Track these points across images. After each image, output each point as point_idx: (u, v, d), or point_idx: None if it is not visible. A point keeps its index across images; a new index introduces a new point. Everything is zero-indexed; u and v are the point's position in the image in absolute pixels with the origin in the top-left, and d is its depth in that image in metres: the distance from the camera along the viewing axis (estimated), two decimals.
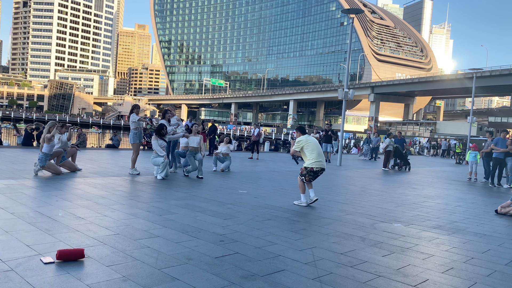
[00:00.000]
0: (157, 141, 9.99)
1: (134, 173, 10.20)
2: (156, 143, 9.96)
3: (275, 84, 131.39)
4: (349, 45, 20.49)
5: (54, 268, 3.60)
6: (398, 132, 22.46)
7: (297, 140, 7.62)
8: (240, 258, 4.22)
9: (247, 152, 24.30)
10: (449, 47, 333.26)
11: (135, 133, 10.32)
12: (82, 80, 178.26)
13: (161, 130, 10.11)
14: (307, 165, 7.46)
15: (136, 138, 10.33)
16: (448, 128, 75.85)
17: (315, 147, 7.49)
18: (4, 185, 7.40)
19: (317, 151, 7.46)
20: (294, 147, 7.61)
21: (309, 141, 7.52)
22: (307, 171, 7.44)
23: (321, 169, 7.47)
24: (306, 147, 7.48)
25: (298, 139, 7.62)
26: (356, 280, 3.82)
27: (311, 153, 7.44)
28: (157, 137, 10.03)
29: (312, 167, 7.40)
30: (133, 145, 10.45)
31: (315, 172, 7.43)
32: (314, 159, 7.40)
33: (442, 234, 6.04)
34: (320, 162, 7.41)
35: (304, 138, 7.58)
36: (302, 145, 7.51)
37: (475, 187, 13.56)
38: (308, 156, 7.47)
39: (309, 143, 7.50)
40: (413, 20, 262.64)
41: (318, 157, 7.42)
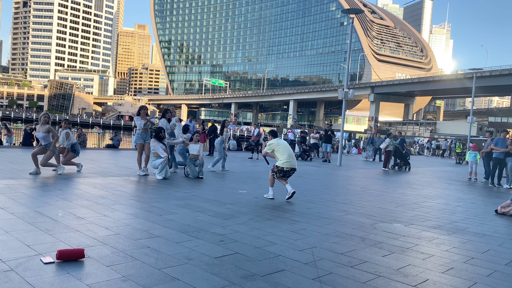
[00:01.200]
0: (157, 143, 9.97)
1: (141, 174, 10.15)
2: (157, 145, 9.95)
3: (275, 84, 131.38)
4: (349, 45, 20.49)
5: (54, 268, 3.60)
6: (398, 132, 22.46)
7: (268, 143, 8.30)
8: (240, 258, 4.22)
9: (247, 152, 24.30)
10: (449, 47, 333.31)
11: (139, 134, 10.29)
12: (82, 80, 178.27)
13: (159, 134, 10.07)
14: (278, 165, 8.06)
15: (140, 138, 10.27)
16: (448, 128, 75.86)
17: (285, 149, 8.08)
18: (4, 185, 7.40)
19: (287, 153, 8.03)
20: (266, 149, 8.27)
21: (279, 144, 8.16)
22: (278, 170, 8.07)
23: (291, 169, 8.04)
24: (277, 149, 8.10)
25: (269, 142, 8.31)
26: (356, 280, 3.82)
27: (282, 155, 8.04)
28: (156, 140, 10.02)
29: (283, 167, 8.01)
30: (136, 146, 10.45)
31: (285, 171, 8.03)
32: (285, 159, 7.99)
33: (442, 234, 6.04)
34: (290, 162, 7.99)
35: (275, 141, 8.25)
36: (273, 147, 8.14)
37: (475, 187, 13.56)
38: (279, 157, 8.06)
39: (279, 145, 8.13)
40: (413, 20, 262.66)
41: (288, 158, 8.00)
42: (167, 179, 9.78)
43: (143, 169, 10.24)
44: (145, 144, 10.27)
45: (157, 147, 9.91)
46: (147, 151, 10.22)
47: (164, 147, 10.19)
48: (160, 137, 10.05)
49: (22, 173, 9.13)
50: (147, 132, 10.36)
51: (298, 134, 25.57)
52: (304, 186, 10.50)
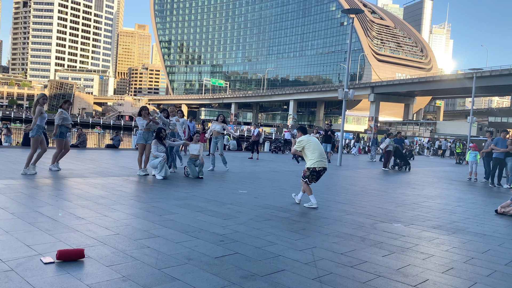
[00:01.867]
0: (156, 147, 9.92)
1: (141, 174, 10.13)
2: (155, 148, 9.91)
3: (275, 84, 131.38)
4: (349, 45, 20.49)
5: (54, 268, 3.59)
6: (398, 133, 22.45)
7: (298, 139, 7.58)
8: (240, 258, 4.22)
9: (247, 152, 24.30)
10: (449, 47, 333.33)
11: (140, 134, 10.26)
12: (82, 80, 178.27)
13: (159, 134, 10.04)
14: (309, 166, 7.40)
15: (141, 138, 10.24)
16: (448, 128, 75.90)
17: (316, 147, 7.43)
18: (4, 185, 7.40)
19: (318, 151, 7.39)
20: (295, 146, 7.57)
21: (310, 141, 7.46)
22: (310, 172, 7.40)
23: (323, 168, 7.41)
24: (308, 147, 7.43)
25: (299, 139, 7.57)
26: (356, 280, 3.82)
27: (313, 153, 7.38)
28: (157, 141, 9.97)
29: (314, 167, 7.35)
30: (137, 145, 10.44)
31: (317, 172, 7.38)
32: (316, 158, 7.35)
33: (442, 234, 6.04)
34: (322, 161, 7.37)
35: (305, 138, 7.52)
36: (303, 145, 7.46)
37: (475, 187, 13.56)
38: (310, 156, 7.40)
39: (310, 143, 7.44)
40: (413, 20, 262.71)
41: (319, 156, 7.36)
42: (167, 179, 9.77)
43: (143, 169, 10.23)
44: (146, 145, 10.24)
45: (155, 151, 9.90)
46: (148, 151, 10.19)
47: (164, 149, 10.17)
48: (160, 137, 10.04)
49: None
50: (149, 132, 10.33)
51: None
52: None
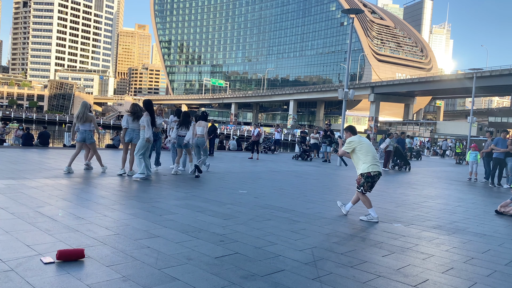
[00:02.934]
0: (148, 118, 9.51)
1: (120, 173, 9.97)
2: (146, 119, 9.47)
3: (275, 84, 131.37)
4: (349, 45, 20.49)
5: (54, 268, 3.59)
6: (401, 133, 22.45)
7: (348, 140, 6.76)
8: (240, 258, 4.22)
9: (247, 152, 24.29)
10: (449, 47, 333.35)
11: (129, 132, 10.21)
12: (82, 80, 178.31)
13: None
14: (363, 171, 6.51)
15: (127, 137, 10.15)
16: (448, 128, 75.90)
17: (369, 149, 6.60)
18: (4, 185, 7.40)
19: (372, 154, 6.58)
20: (344, 147, 6.76)
21: (362, 142, 6.62)
22: (364, 179, 6.52)
23: (378, 173, 6.56)
24: (360, 148, 6.57)
25: (349, 139, 6.76)
26: (356, 280, 3.82)
27: (366, 156, 6.53)
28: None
29: (369, 172, 6.48)
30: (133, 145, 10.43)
31: (372, 177, 6.52)
32: (370, 162, 6.52)
33: (442, 234, 6.04)
34: (376, 165, 6.54)
35: (356, 138, 6.69)
36: (354, 146, 6.63)
37: (475, 187, 13.55)
38: (363, 160, 6.55)
39: (362, 144, 6.60)
40: (413, 20, 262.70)
41: (373, 160, 6.55)
42: (166, 179, 9.76)
43: (123, 168, 9.99)
44: (131, 144, 10.05)
45: (145, 120, 9.46)
46: (132, 150, 10.00)
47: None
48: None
49: (22, 173, 9.13)
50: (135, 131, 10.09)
51: (298, 134, 25.52)
52: (304, 186, 10.50)
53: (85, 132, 10.05)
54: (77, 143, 10.18)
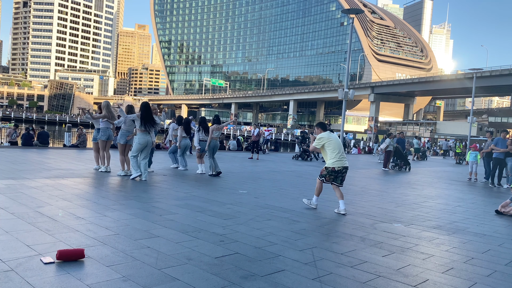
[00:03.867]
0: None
1: (121, 174, 10.00)
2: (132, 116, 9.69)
3: (275, 84, 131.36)
4: (349, 45, 20.50)
5: (54, 268, 3.59)
6: (400, 133, 22.46)
7: (318, 136, 7.21)
8: (240, 258, 4.22)
9: (247, 152, 24.29)
10: (449, 47, 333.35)
11: (123, 133, 10.17)
12: (82, 80, 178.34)
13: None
14: (328, 165, 7.07)
15: (122, 138, 10.09)
16: (448, 128, 75.88)
17: (337, 145, 7.09)
18: (4, 185, 7.40)
19: (338, 149, 7.07)
20: (315, 143, 7.24)
21: (331, 139, 7.11)
22: (327, 171, 7.09)
23: (343, 167, 7.05)
24: (328, 145, 7.09)
25: (319, 135, 7.21)
26: (356, 280, 3.82)
27: (333, 152, 7.05)
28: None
29: (333, 167, 7.02)
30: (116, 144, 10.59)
31: (337, 171, 7.04)
32: (336, 158, 7.02)
33: (442, 234, 6.04)
34: (341, 161, 7.04)
35: (326, 135, 7.16)
36: (323, 142, 7.12)
37: (475, 187, 13.55)
38: (330, 155, 7.07)
39: (331, 140, 7.10)
40: (413, 20, 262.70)
41: (339, 155, 7.05)
42: (166, 179, 9.76)
43: (126, 170, 10.04)
44: (126, 145, 10.09)
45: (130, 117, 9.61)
46: (127, 151, 10.06)
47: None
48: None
49: (22, 173, 9.14)
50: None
51: (298, 134, 25.47)
52: (304, 186, 10.50)
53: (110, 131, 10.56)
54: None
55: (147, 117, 9.41)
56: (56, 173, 9.43)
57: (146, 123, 9.40)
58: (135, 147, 9.45)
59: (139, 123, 9.39)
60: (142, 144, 9.39)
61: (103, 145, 10.41)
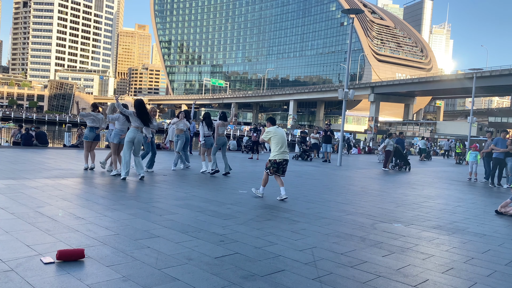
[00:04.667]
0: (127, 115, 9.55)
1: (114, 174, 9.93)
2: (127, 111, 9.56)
3: (275, 84, 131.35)
4: (349, 45, 20.49)
5: (54, 268, 3.59)
6: (400, 133, 22.46)
7: (266, 130, 8.12)
8: (240, 258, 4.22)
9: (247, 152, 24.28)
10: (449, 47, 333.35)
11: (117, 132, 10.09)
12: (82, 80, 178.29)
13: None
14: (271, 158, 7.97)
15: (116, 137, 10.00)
16: (448, 128, 75.88)
17: (280, 140, 7.94)
18: (4, 185, 7.40)
19: (281, 143, 7.94)
20: (263, 136, 8.17)
21: (277, 133, 7.98)
22: (271, 164, 7.96)
23: (283, 160, 7.93)
24: (273, 138, 7.96)
25: (267, 129, 8.10)
26: (356, 280, 3.82)
27: (276, 145, 7.93)
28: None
29: (275, 159, 7.90)
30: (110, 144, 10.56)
31: (278, 163, 7.91)
32: (278, 151, 7.92)
33: (442, 234, 6.04)
34: (282, 154, 7.93)
35: (273, 129, 8.04)
36: (270, 136, 7.99)
37: (475, 187, 13.55)
38: (273, 148, 7.97)
39: (276, 135, 7.96)
40: (413, 20, 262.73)
41: (281, 149, 7.93)
42: (166, 179, 9.76)
43: (118, 169, 9.93)
44: (119, 145, 9.99)
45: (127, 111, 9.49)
46: (120, 151, 9.96)
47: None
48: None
49: (22, 173, 9.14)
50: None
51: (298, 134, 25.47)
52: (304, 186, 10.50)
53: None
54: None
55: (142, 114, 9.34)
56: (56, 173, 9.43)
57: (142, 119, 9.33)
58: (125, 145, 9.31)
59: (134, 119, 9.31)
60: (130, 138, 9.23)
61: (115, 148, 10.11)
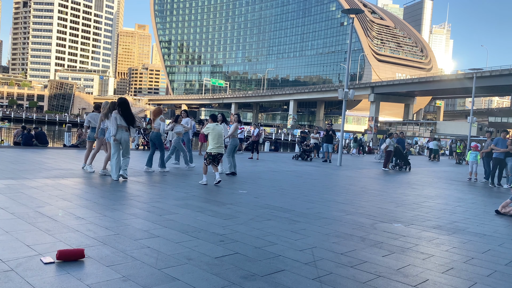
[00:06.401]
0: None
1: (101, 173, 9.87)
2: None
3: (275, 84, 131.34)
4: (349, 45, 20.49)
5: (54, 268, 3.60)
6: (400, 133, 22.46)
7: (206, 126, 9.27)
8: (240, 258, 4.22)
9: (247, 152, 24.29)
10: (449, 47, 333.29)
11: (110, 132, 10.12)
12: (82, 80, 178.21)
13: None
14: (208, 150, 9.13)
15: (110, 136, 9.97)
16: (448, 128, 75.86)
17: (216, 136, 9.09)
18: (4, 185, 7.40)
19: (217, 139, 9.08)
20: (203, 130, 9.39)
21: (214, 130, 9.13)
22: (207, 156, 9.14)
23: (218, 153, 9.14)
24: (211, 134, 9.09)
25: (207, 125, 9.25)
26: (356, 280, 3.82)
27: (212, 140, 9.08)
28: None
29: (211, 152, 9.08)
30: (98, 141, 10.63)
31: (213, 156, 9.12)
32: (213, 145, 9.08)
33: (442, 234, 6.04)
34: (217, 148, 9.10)
35: (212, 125, 9.21)
36: (208, 131, 9.12)
37: (475, 187, 13.55)
38: (210, 142, 9.12)
39: (214, 131, 9.11)
40: (413, 20, 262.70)
41: (216, 144, 9.10)
42: (165, 180, 9.77)
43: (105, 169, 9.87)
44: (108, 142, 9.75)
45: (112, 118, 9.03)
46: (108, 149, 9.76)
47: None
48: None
49: (22, 173, 9.14)
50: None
51: (298, 134, 25.42)
52: (304, 186, 10.50)
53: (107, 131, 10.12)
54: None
55: (126, 113, 9.15)
56: (56, 173, 9.43)
57: (125, 119, 9.12)
58: (113, 146, 9.08)
59: (118, 118, 9.10)
60: (118, 139, 9.07)
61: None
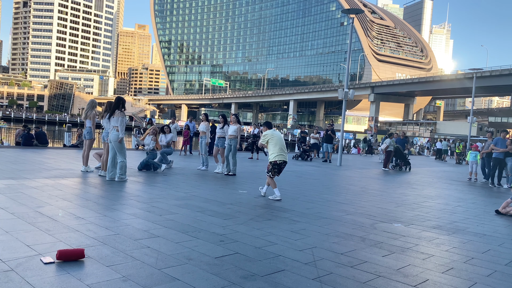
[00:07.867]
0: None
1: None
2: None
3: (275, 84, 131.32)
4: (349, 45, 20.49)
5: (54, 268, 3.59)
6: (401, 132, 22.44)
7: (263, 134, 8.35)
8: (240, 258, 4.22)
9: (247, 152, 24.28)
10: (449, 47, 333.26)
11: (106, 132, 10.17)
12: (82, 80, 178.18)
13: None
14: (271, 160, 8.07)
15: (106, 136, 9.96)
16: (448, 128, 75.84)
17: (278, 142, 8.10)
18: (4, 185, 7.40)
19: (279, 146, 8.07)
20: (261, 140, 8.37)
21: (274, 136, 8.18)
22: (272, 166, 8.07)
23: (283, 161, 8.08)
24: (271, 141, 8.14)
25: (264, 133, 8.33)
26: (356, 280, 3.82)
27: (274, 147, 8.06)
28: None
29: (275, 160, 8.01)
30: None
31: (278, 165, 8.04)
32: (277, 152, 8.02)
33: (442, 234, 6.04)
34: (282, 155, 8.05)
35: (269, 132, 8.26)
36: (267, 138, 8.19)
37: (475, 187, 13.55)
38: (272, 150, 8.09)
39: (273, 137, 8.16)
40: (413, 20, 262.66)
41: (280, 151, 8.04)
42: (165, 179, 9.77)
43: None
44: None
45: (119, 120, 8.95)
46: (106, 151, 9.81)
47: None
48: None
49: (22, 173, 9.13)
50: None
51: (298, 134, 25.47)
52: (304, 186, 10.50)
53: (85, 129, 10.30)
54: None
55: (110, 111, 9.08)
56: (56, 173, 9.43)
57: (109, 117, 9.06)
58: (123, 148, 9.10)
59: (105, 121, 9.16)
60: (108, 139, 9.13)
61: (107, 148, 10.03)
